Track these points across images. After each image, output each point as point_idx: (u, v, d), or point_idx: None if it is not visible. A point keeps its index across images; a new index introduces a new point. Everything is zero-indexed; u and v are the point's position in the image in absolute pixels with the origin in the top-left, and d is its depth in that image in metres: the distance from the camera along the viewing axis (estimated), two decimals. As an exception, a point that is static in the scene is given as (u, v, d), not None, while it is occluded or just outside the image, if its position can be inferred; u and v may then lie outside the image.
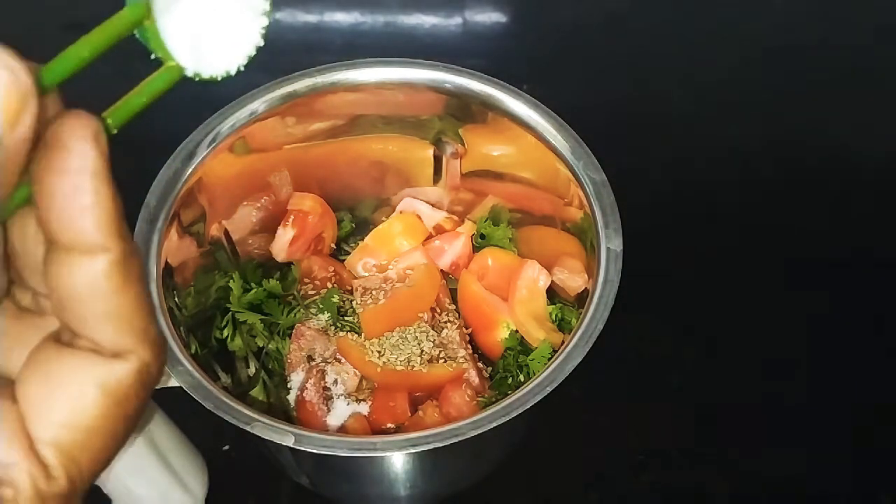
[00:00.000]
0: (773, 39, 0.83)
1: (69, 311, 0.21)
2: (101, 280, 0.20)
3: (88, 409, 0.21)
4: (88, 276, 0.20)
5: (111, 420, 0.21)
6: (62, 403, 0.20)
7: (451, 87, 0.55)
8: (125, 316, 0.21)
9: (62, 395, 0.21)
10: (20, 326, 0.23)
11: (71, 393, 0.21)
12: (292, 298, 0.61)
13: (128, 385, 0.21)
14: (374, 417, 0.54)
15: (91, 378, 0.21)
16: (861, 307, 0.66)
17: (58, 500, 0.20)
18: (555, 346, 0.55)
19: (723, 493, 0.58)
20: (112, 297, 0.20)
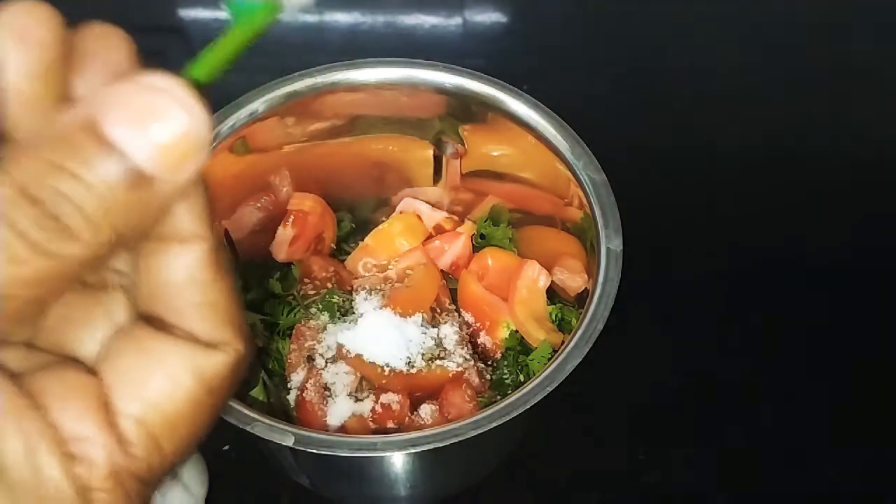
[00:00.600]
0: (773, 39, 0.83)
1: (164, 302, 0.20)
2: (198, 269, 0.20)
3: (181, 394, 0.20)
4: (185, 266, 0.20)
5: (200, 409, 0.20)
6: (157, 383, 0.20)
7: (451, 87, 0.55)
8: (221, 307, 0.21)
9: (158, 374, 0.20)
10: (85, 302, 0.22)
11: (167, 374, 0.20)
12: (292, 298, 0.61)
13: (222, 377, 0.20)
14: (374, 417, 0.54)
15: (189, 364, 0.20)
16: (862, 306, 0.66)
17: (135, 482, 0.19)
18: (555, 346, 0.55)
19: (723, 493, 0.58)
20: (208, 287, 0.20)
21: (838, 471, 0.59)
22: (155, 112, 0.17)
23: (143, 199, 0.18)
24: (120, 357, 0.20)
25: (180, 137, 0.17)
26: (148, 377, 0.20)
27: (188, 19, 0.84)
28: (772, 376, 0.62)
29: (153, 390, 0.20)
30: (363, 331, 0.54)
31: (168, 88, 0.18)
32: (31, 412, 0.18)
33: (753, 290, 0.67)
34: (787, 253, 0.69)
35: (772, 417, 0.61)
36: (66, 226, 0.17)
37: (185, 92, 0.18)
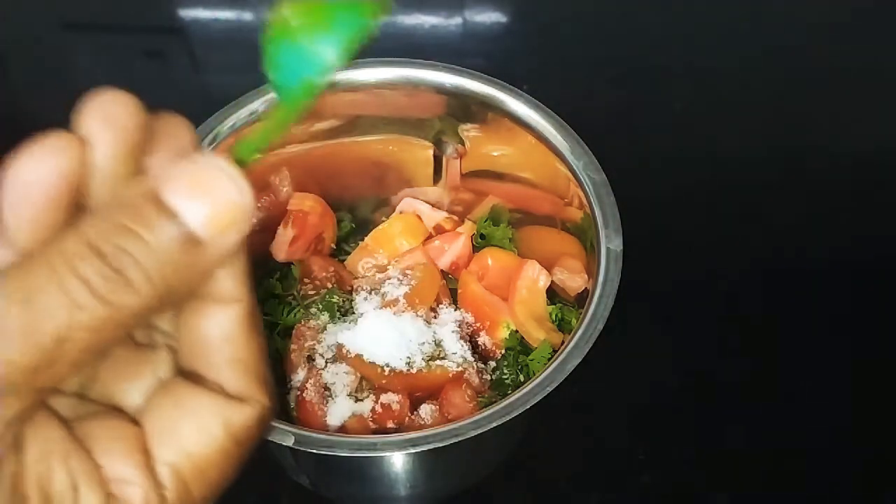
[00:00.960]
0: (773, 39, 0.83)
1: (201, 357, 0.22)
2: (233, 328, 0.22)
3: (211, 443, 0.22)
4: (222, 325, 0.22)
5: (227, 458, 0.22)
6: (189, 432, 0.22)
7: (451, 87, 0.55)
8: (252, 364, 0.22)
9: (191, 424, 0.22)
10: (133, 358, 0.24)
11: (199, 425, 0.22)
12: (292, 298, 0.61)
13: (249, 428, 0.22)
14: (374, 417, 0.54)
15: (219, 417, 0.22)
16: (862, 307, 0.66)
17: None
18: (555, 346, 0.55)
19: (723, 493, 0.58)
20: (241, 345, 0.22)
21: (838, 471, 0.59)
22: (208, 185, 0.20)
23: (193, 260, 0.20)
24: (159, 408, 0.22)
25: (227, 207, 0.20)
26: (182, 427, 0.22)
27: (188, 19, 0.84)
28: (772, 376, 0.62)
29: (186, 439, 0.21)
30: (363, 331, 0.54)
31: (219, 166, 0.20)
32: (79, 453, 0.20)
33: (753, 290, 0.67)
34: (787, 253, 0.69)
35: (772, 417, 0.61)
36: (126, 278, 0.19)
37: (233, 170, 0.20)
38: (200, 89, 0.77)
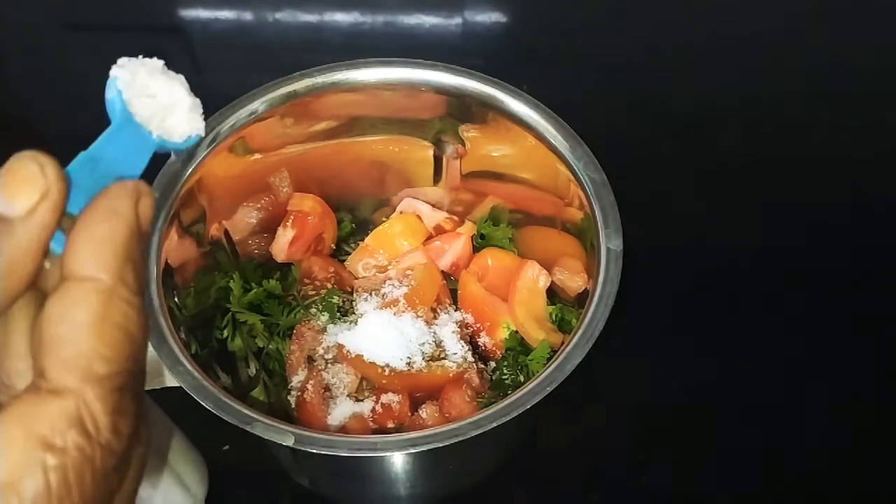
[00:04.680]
0: (773, 39, 0.83)
1: (38, 337, 0.21)
2: (74, 306, 0.20)
3: (13, 453, 0.19)
4: (67, 299, 0.20)
5: (37, 468, 0.19)
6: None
7: (451, 87, 0.55)
8: (72, 349, 0.20)
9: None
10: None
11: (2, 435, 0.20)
12: (292, 299, 0.61)
13: (55, 425, 0.20)
14: (374, 417, 0.54)
15: (17, 417, 0.20)
16: (863, 307, 0.66)
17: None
18: (554, 346, 0.55)
19: (723, 493, 0.58)
20: (78, 325, 0.20)
21: (838, 471, 0.59)
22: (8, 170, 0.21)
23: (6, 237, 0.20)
24: None
25: (27, 184, 0.21)
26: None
27: (188, 19, 0.84)
28: (772, 376, 0.62)
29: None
30: (363, 331, 0.54)
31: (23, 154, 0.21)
32: None
33: (753, 290, 0.67)
34: (788, 253, 0.69)
35: (772, 417, 0.61)
36: None
37: (36, 154, 0.21)
38: (200, 89, 0.76)
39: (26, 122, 0.73)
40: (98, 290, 0.21)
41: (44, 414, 0.20)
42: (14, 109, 0.76)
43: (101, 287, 0.21)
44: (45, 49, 0.82)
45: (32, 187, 0.21)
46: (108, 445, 0.21)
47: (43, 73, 0.80)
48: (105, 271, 0.21)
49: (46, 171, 0.21)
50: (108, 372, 0.20)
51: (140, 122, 0.26)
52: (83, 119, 0.22)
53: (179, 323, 0.50)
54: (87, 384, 0.20)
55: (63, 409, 0.20)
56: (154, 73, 0.27)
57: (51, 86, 0.78)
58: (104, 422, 0.20)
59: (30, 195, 0.21)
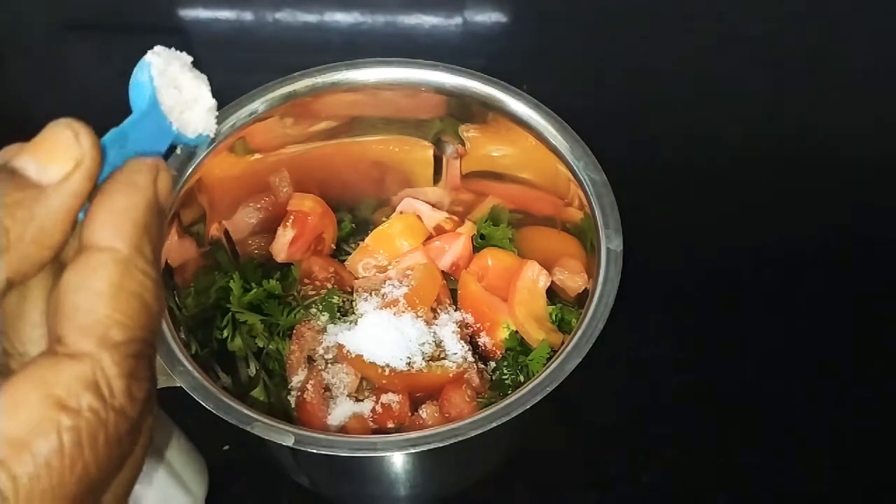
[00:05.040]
0: (773, 39, 0.83)
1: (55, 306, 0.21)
2: (82, 276, 0.21)
3: (27, 411, 0.19)
4: (85, 268, 0.21)
5: (51, 429, 0.19)
6: (5, 405, 0.20)
7: (451, 87, 0.55)
8: (90, 314, 0.20)
9: (4, 398, 0.20)
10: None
11: (13, 400, 0.20)
12: (292, 299, 0.61)
13: (71, 387, 0.20)
14: (374, 417, 0.54)
15: (33, 377, 0.20)
16: (863, 306, 0.66)
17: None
18: (554, 346, 0.55)
19: (723, 493, 0.58)
20: (95, 293, 0.20)
21: (839, 471, 0.59)
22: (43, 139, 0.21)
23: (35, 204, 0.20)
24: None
25: (62, 153, 0.21)
26: None
27: (188, 19, 0.84)
28: (772, 376, 0.62)
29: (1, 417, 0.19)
30: (363, 331, 0.54)
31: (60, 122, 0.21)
32: None
33: (753, 290, 0.67)
34: (788, 253, 0.69)
35: (772, 417, 0.61)
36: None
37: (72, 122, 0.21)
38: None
39: (26, 122, 0.73)
40: (115, 259, 0.21)
41: (60, 376, 0.20)
42: (14, 109, 0.76)
43: (119, 257, 0.21)
44: (45, 49, 0.82)
45: (67, 155, 0.21)
46: (122, 410, 0.21)
47: (43, 73, 0.80)
48: (123, 241, 0.21)
49: (81, 140, 0.21)
50: (124, 338, 0.21)
51: (163, 111, 0.26)
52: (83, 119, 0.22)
53: (179, 323, 0.50)
54: (104, 349, 0.20)
55: (79, 371, 0.20)
56: (184, 67, 0.27)
57: (51, 86, 0.78)
58: (119, 386, 0.21)
59: (64, 162, 0.21)
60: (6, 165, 0.21)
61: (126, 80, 0.26)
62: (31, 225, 0.20)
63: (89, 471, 0.20)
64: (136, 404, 0.21)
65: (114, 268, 0.21)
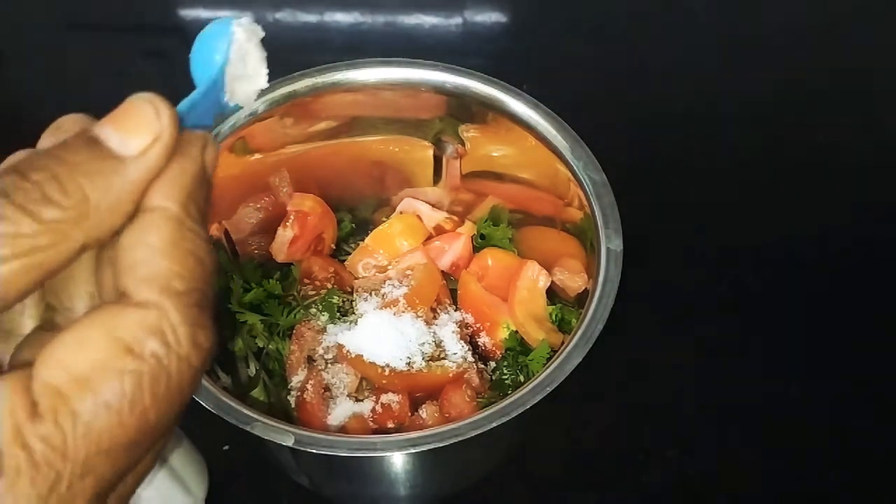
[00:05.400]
0: (773, 39, 0.83)
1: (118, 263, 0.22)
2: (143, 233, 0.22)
3: (89, 349, 0.20)
4: (134, 231, 0.22)
5: (117, 371, 0.20)
6: (63, 342, 0.20)
7: (451, 87, 0.55)
8: (154, 267, 0.21)
9: (68, 336, 0.20)
10: None
11: (75, 333, 0.20)
12: (292, 299, 0.61)
13: (136, 333, 0.20)
14: (374, 417, 0.54)
15: (97, 320, 0.20)
16: (863, 306, 0.66)
17: (50, 451, 0.19)
18: (554, 346, 0.55)
19: (723, 493, 0.58)
20: (146, 247, 0.21)
21: (838, 471, 0.59)
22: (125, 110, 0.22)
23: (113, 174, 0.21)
24: (52, 337, 0.21)
25: (144, 126, 0.22)
26: (60, 342, 0.20)
27: (188, 19, 0.84)
28: (772, 376, 0.62)
29: (62, 351, 0.20)
30: (363, 331, 0.54)
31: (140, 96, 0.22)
32: None
33: (753, 290, 0.67)
34: (788, 253, 0.69)
35: (772, 417, 0.61)
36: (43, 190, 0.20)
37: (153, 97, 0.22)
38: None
39: (26, 122, 0.73)
40: (168, 216, 0.22)
41: (125, 321, 0.20)
42: (14, 109, 0.76)
43: (170, 214, 0.22)
44: (45, 49, 0.82)
45: (147, 129, 0.22)
46: (186, 357, 0.21)
47: (43, 73, 0.80)
48: (173, 202, 0.22)
49: (161, 116, 0.22)
50: (185, 288, 0.21)
51: None
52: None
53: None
54: (167, 298, 0.21)
55: (144, 318, 0.21)
56: (257, 41, 0.27)
57: (51, 86, 0.78)
58: (184, 333, 0.21)
59: (144, 136, 0.22)
60: (89, 133, 0.21)
61: (126, 80, 0.26)
62: (108, 194, 0.21)
63: (147, 417, 0.21)
64: (200, 353, 0.22)
65: (167, 224, 0.22)
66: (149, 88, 0.22)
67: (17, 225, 0.19)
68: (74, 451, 0.20)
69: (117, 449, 0.20)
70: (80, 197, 0.20)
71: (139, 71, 0.78)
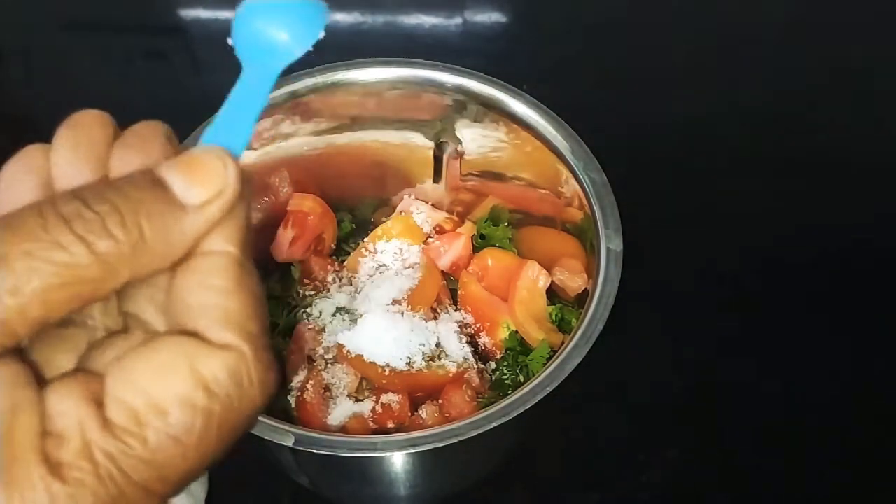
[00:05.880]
0: (773, 39, 0.83)
1: (183, 306, 0.22)
2: (215, 276, 0.22)
3: (170, 381, 0.20)
4: (204, 272, 0.22)
5: (193, 407, 0.20)
6: (145, 367, 0.21)
7: (451, 87, 0.55)
8: (233, 313, 0.22)
9: (150, 362, 0.21)
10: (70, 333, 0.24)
11: (158, 361, 0.21)
12: (292, 299, 0.61)
13: (218, 374, 0.21)
14: (374, 417, 0.54)
15: (182, 355, 0.21)
16: (863, 306, 0.66)
17: (114, 467, 0.20)
18: (554, 346, 0.55)
19: (723, 493, 0.58)
20: (223, 294, 0.22)
21: (838, 471, 0.59)
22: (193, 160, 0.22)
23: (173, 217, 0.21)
24: (126, 355, 0.21)
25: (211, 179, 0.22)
26: (139, 365, 0.21)
27: (188, 19, 0.84)
28: (772, 376, 0.62)
29: (140, 373, 0.20)
30: (363, 331, 0.54)
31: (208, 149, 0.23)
32: (26, 388, 0.20)
33: (753, 290, 0.67)
34: (787, 252, 0.69)
35: (771, 417, 0.61)
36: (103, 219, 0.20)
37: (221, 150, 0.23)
38: (200, 89, 0.77)
39: (26, 122, 0.73)
40: (232, 260, 0.22)
41: (208, 359, 0.21)
42: (14, 109, 0.76)
43: (234, 258, 0.22)
44: (45, 49, 0.82)
45: (213, 182, 0.22)
46: (254, 399, 0.22)
47: (43, 73, 0.80)
48: (235, 246, 0.22)
49: (229, 172, 0.22)
50: (257, 330, 0.22)
51: None
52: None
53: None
54: (245, 341, 0.22)
55: (226, 359, 0.21)
56: None
57: (51, 86, 0.78)
58: (257, 376, 0.22)
59: (209, 188, 0.22)
60: (156, 174, 0.22)
61: (126, 80, 0.26)
62: (164, 237, 0.21)
63: (208, 452, 0.21)
64: (266, 394, 0.22)
65: (233, 268, 0.22)
66: (149, 88, 0.22)
67: (73, 254, 0.20)
68: (138, 475, 0.20)
69: (173, 478, 0.21)
70: (136, 235, 0.21)
71: (139, 71, 0.78)
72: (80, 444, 0.19)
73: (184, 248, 0.22)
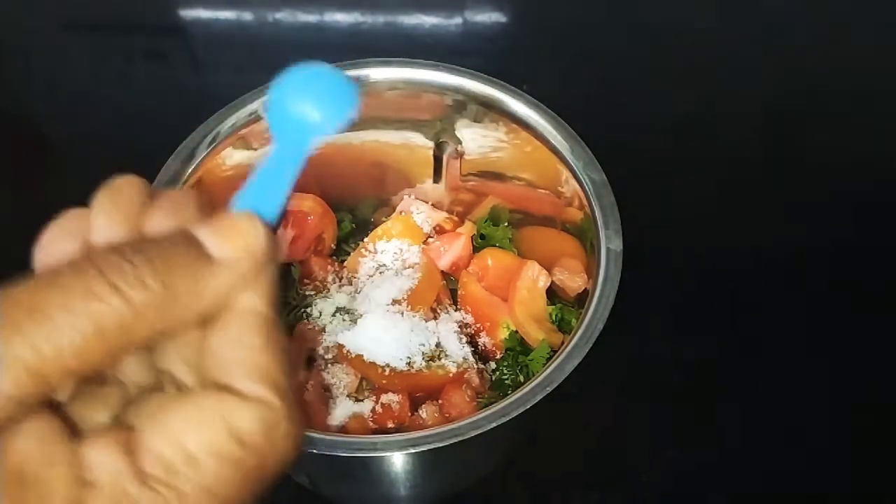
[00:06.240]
0: (773, 40, 0.83)
1: (215, 361, 0.23)
2: (247, 334, 0.23)
3: (205, 434, 0.21)
4: (236, 328, 0.23)
5: (228, 458, 0.21)
6: (180, 421, 0.21)
7: (451, 87, 0.55)
8: (263, 368, 0.23)
9: (184, 416, 0.21)
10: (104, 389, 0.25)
11: (192, 415, 0.21)
12: (292, 299, 0.61)
13: (251, 427, 0.22)
14: (374, 417, 0.54)
15: (216, 409, 0.22)
16: (863, 306, 0.66)
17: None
18: (554, 346, 0.55)
19: (723, 493, 0.58)
20: (254, 350, 0.23)
21: (838, 471, 0.59)
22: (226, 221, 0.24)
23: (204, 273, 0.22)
24: (160, 410, 0.22)
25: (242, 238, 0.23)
26: (174, 419, 0.21)
27: (188, 19, 0.84)
28: (772, 377, 0.62)
29: (175, 425, 0.21)
30: (363, 331, 0.54)
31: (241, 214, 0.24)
32: (62, 441, 0.20)
33: (753, 290, 0.67)
34: (787, 252, 0.69)
35: (772, 417, 0.61)
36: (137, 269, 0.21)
37: (252, 215, 0.24)
38: (200, 89, 0.77)
39: (26, 122, 0.73)
40: (264, 318, 0.23)
41: (242, 411, 0.22)
42: (14, 109, 0.76)
43: (266, 316, 0.23)
44: (45, 49, 0.82)
45: (242, 240, 0.23)
46: (283, 451, 0.23)
47: (43, 73, 0.80)
48: (265, 304, 0.24)
49: (258, 232, 0.24)
50: (287, 385, 0.23)
51: None
52: (83, 119, 0.22)
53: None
54: (277, 397, 0.22)
55: (259, 412, 0.22)
56: None
57: (51, 86, 0.78)
58: (287, 429, 0.23)
59: (238, 246, 0.23)
60: (189, 232, 0.23)
61: (126, 80, 0.26)
62: (192, 288, 0.22)
63: (237, 502, 0.22)
64: (295, 447, 0.23)
65: (264, 325, 0.23)
66: (149, 88, 0.22)
67: (107, 303, 0.20)
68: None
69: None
70: (169, 286, 0.21)
71: (139, 71, 0.78)
72: (114, 493, 0.20)
73: (213, 301, 0.23)
